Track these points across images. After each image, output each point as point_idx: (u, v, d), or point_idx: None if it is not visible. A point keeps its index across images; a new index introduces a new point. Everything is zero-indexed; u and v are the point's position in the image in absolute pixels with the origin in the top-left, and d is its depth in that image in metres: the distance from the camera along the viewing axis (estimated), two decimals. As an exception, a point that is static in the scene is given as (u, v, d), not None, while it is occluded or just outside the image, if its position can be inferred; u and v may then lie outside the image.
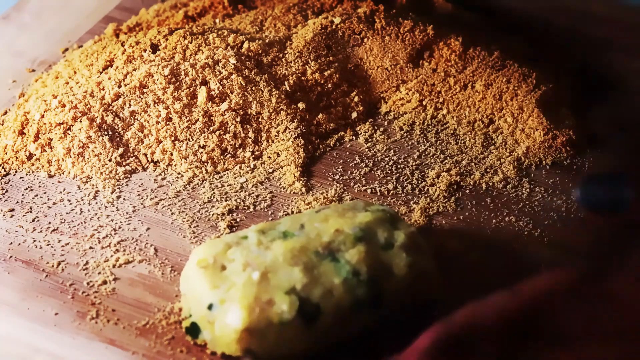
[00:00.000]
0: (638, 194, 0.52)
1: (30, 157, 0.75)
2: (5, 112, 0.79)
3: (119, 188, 0.74)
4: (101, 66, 0.80)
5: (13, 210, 0.72)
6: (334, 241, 0.63)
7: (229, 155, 0.77)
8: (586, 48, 0.88)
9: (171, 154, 0.76)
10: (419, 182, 0.75)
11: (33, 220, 0.71)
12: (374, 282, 0.62)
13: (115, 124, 0.76)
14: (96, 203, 0.73)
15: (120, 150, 0.75)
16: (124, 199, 0.73)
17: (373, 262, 0.62)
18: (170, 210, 0.72)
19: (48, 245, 0.70)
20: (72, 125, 0.75)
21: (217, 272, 0.62)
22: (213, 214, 0.72)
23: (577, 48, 0.88)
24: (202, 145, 0.76)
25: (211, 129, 0.77)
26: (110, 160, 0.75)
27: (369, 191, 0.74)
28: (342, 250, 0.63)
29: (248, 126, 0.77)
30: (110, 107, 0.77)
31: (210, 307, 0.61)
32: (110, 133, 0.76)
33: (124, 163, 0.75)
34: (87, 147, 0.75)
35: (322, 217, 0.65)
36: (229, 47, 0.80)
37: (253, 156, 0.77)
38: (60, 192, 0.73)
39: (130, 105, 0.77)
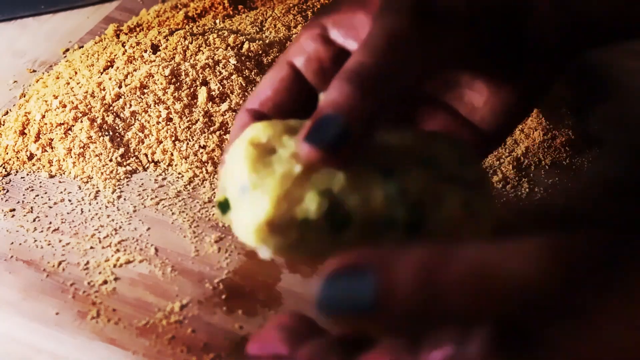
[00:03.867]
0: (386, 287, 0.43)
1: (31, 157, 0.76)
2: (6, 113, 0.79)
3: (119, 188, 0.74)
4: (102, 67, 0.80)
5: (14, 210, 0.72)
6: (398, 159, 0.56)
7: (229, 155, 0.77)
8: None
9: (172, 154, 0.76)
10: (419, 182, 0.75)
11: (34, 220, 0.72)
12: (419, 208, 0.55)
13: (116, 124, 0.76)
14: (97, 203, 0.73)
15: (121, 150, 0.76)
16: (124, 199, 0.73)
17: (426, 188, 0.55)
18: (171, 210, 0.73)
19: (49, 245, 0.70)
20: (73, 126, 0.76)
21: (264, 154, 0.56)
22: (213, 214, 0.72)
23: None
24: (202, 146, 0.76)
25: (212, 129, 0.77)
26: (111, 160, 0.75)
27: (368, 191, 0.74)
28: (401, 170, 0.56)
29: (248, 126, 0.77)
30: (111, 108, 0.77)
31: (243, 189, 0.56)
32: (110, 133, 0.76)
33: (124, 163, 0.76)
34: (88, 147, 0.75)
35: (399, 136, 0.58)
36: (229, 48, 0.80)
37: (253, 156, 0.77)
38: (61, 192, 0.74)
39: (130, 105, 0.77)
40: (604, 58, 0.87)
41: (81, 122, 0.76)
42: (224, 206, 0.58)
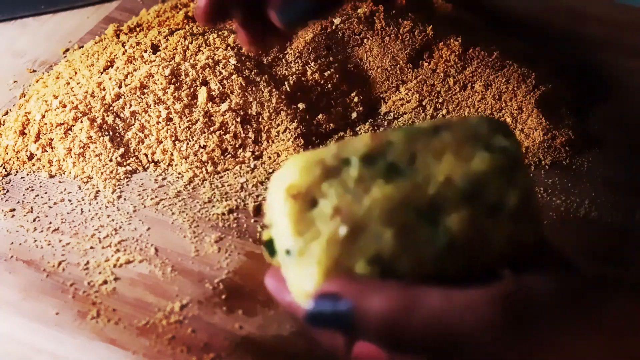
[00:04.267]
0: (361, 317, 0.53)
1: (31, 157, 0.76)
2: (7, 113, 0.79)
3: (119, 188, 0.74)
4: (102, 66, 0.80)
5: (14, 210, 0.72)
6: (439, 195, 0.55)
7: (229, 155, 0.77)
8: (586, 48, 0.89)
9: (171, 154, 0.76)
10: (419, 182, 0.75)
11: (34, 220, 0.72)
12: (468, 257, 0.55)
13: (116, 124, 0.76)
14: (97, 203, 0.73)
15: (121, 150, 0.76)
16: (124, 199, 0.73)
17: (473, 234, 0.55)
18: (171, 210, 0.73)
19: (49, 245, 0.70)
20: (73, 126, 0.76)
21: (305, 208, 0.55)
22: (213, 214, 0.72)
23: (576, 48, 0.88)
24: (202, 146, 0.76)
25: (211, 129, 0.77)
26: (110, 160, 0.75)
27: (368, 191, 0.74)
28: (445, 210, 0.55)
29: (248, 126, 0.78)
30: (111, 108, 0.77)
31: (288, 252, 0.56)
32: (110, 133, 0.76)
33: (124, 163, 0.76)
34: (88, 147, 0.75)
35: (438, 147, 0.57)
36: (229, 48, 0.80)
37: (253, 156, 0.77)
38: (61, 192, 0.74)
39: (130, 105, 0.77)
40: (604, 58, 0.87)
41: (81, 122, 0.76)
42: (271, 248, 0.58)
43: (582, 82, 0.85)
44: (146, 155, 0.76)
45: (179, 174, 0.75)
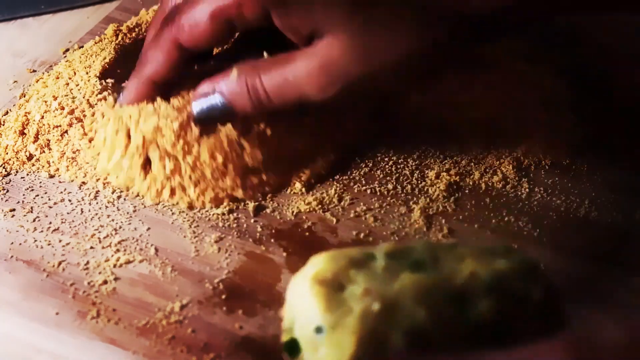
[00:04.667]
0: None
1: (30, 157, 0.76)
2: (6, 113, 0.79)
3: (119, 188, 0.74)
4: (98, 70, 0.80)
5: (14, 210, 0.72)
6: (466, 285, 0.56)
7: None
8: (586, 48, 0.88)
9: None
10: (419, 182, 0.75)
11: (34, 220, 0.72)
12: (496, 340, 0.56)
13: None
14: (97, 203, 0.73)
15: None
16: (124, 199, 0.73)
17: (501, 319, 0.56)
18: (171, 210, 0.73)
19: (49, 245, 0.70)
20: (68, 130, 0.75)
21: (334, 292, 0.55)
22: (213, 214, 0.72)
23: (577, 48, 0.88)
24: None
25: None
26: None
27: (368, 191, 0.74)
28: (473, 299, 0.56)
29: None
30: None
31: (318, 329, 0.55)
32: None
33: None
34: (79, 153, 0.75)
35: (458, 255, 0.58)
36: None
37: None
38: (61, 192, 0.74)
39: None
40: (604, 58, 0.87)
41: (75, 128, 0.75)
42: (293, 348, 0.57)
43: (582, 82, 0.84)
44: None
45: (179, 174, 0.75)
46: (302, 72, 0.67)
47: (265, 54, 0.70)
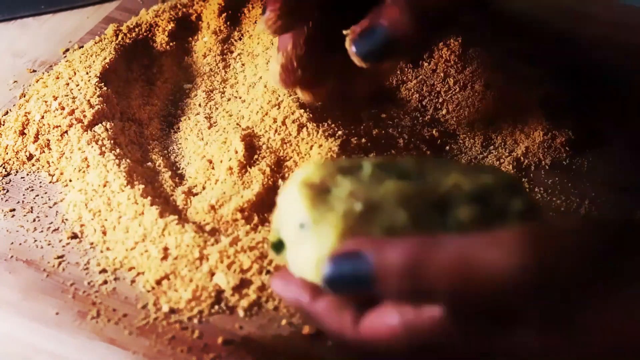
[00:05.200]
0: (380, 269, 0.52)
1: (30, 157, 0.76)
2: (6, 113, 0.79)
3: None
4: (98, 70, 0.80)
5: (14, 210, 0.72)
6: (449, 195, 0.57)
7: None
8: (586, 48, 0.88)
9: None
10: (419, 182, 0.75)
11: (34, 220, 0.72)
12: None
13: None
14: (97, 203, 0.73)
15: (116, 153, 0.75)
16: (124, 199, 0.73)
17: (482, 227, 0.56)
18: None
19: (49, 245, 0.70)
20: (68, 130, 0.75)
21: (320, 193, 0.58)
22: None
23: (577, 48, 0.88)
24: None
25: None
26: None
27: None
28: (455, 207, 0.57)
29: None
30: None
31: (302, 225, 0.57)
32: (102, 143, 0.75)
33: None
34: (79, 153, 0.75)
35: (445, 169, 0.60)
36: None
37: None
38: (61, 192, 0.74)
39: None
40: (604, 58, 0.87)
41: (75, 128, 0.75)
42: (278, 246, 0.59)
43: (582, 82, 0.84)
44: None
45: (179, 174, 0.76)
46: None
47: None
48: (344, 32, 0.67)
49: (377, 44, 0.66)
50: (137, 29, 0.86)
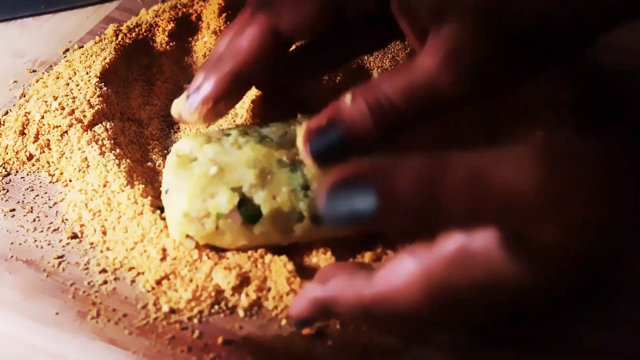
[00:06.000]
0: (387, 197, 0.46)
1: (30, 157, 0.76)
2: (6, 113, 0.79)
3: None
4: (98, 70, 0.80)
5: (14, 210, 0.72)
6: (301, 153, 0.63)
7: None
8: (586, 48, 0.88)
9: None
10: (419, 182, 0.75)
11: (34, 220, 0.72)
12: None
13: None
14: (97, 203, 0.73)
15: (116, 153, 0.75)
16: (124, 199, 0.73)
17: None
18: (171, 210, 0.73)
19: (49, 245, 0.70)
20: (68, 130, 0.75)
21: (186, 162, 0.65)
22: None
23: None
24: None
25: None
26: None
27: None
28: (305, 163, 0.64)
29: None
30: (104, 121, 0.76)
31: (166, 191, 0.66)
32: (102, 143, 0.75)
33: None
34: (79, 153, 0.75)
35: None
36: None
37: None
38: (61, 192, 0.74)
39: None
40: (604, 58, 0.87)
41: (75, 128, 0.75)
42: (161, 209, 0.68)
43: (582, 82, 0.84)
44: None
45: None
46: (430, 64, 0.57)
47: (374, 73, 0.71)
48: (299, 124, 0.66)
49: (331, 145, 0.60)
50: (137, 29, 0.86)
